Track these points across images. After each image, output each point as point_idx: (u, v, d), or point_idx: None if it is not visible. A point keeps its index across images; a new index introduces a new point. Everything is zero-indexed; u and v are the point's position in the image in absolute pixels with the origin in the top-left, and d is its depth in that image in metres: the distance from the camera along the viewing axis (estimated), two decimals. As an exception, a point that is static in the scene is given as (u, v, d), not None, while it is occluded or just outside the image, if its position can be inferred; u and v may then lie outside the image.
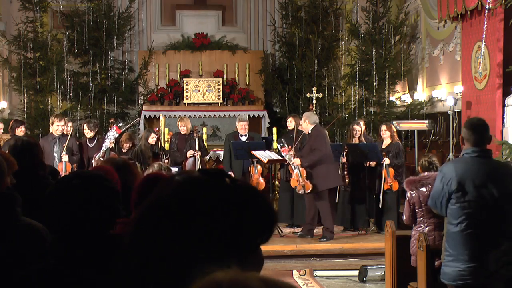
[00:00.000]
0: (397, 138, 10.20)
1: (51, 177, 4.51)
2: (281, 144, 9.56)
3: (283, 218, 10.57)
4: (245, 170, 10.40)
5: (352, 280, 8.13)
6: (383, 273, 7.36)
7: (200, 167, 10.18)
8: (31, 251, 2.82)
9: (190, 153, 10.41)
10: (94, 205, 2.17)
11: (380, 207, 9.75)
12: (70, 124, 9.98)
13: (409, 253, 6.26)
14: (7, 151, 4.38)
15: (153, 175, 3.64)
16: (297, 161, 9.17)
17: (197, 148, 10.32)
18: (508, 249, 2.32)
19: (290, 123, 10.24)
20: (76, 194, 2.18)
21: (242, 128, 10.51)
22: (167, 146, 11.22)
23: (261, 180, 10.16)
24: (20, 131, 9.68)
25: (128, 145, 10.00)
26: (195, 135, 10.42)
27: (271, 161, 9.92)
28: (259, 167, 10.14)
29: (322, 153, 9.25)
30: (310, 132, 9.25)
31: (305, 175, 9.17)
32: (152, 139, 10.22)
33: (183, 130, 10.70)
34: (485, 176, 4.55)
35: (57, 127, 9.49)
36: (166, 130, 12.52)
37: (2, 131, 10.59)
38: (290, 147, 9.39)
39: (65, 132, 9.60)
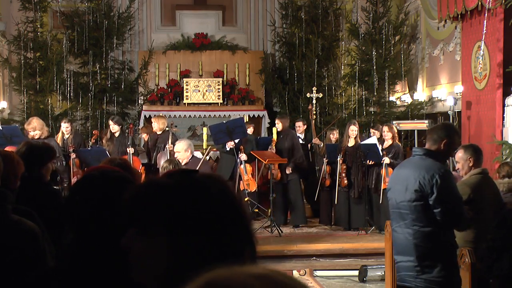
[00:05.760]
0: (398, 140, 10.23)
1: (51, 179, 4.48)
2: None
3: (283, 219, 10.58)
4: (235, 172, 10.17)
5: (352, 280, 8.14)
6: (383, 273, 7.36)
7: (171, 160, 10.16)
8: (21, 248, 2.77)
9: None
10: (113, 208, 2.04)
11: (379, 206, 9.75)
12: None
13: (409, 253, 6.25)
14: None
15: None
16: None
17: (169, 142, 9.92)
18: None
19: (278, 125, 10.58)
20: (96, 194, 2.12)
21: None
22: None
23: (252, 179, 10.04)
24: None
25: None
26: (172, 129, 10.22)
27: (271, 161, 9.91)
28: (248, 166, 10.06)
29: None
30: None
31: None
32: (65, 128, 10.31)
33: (155, 129, 10.48)
34: (396, 178, 4.41)
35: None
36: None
37: None
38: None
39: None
